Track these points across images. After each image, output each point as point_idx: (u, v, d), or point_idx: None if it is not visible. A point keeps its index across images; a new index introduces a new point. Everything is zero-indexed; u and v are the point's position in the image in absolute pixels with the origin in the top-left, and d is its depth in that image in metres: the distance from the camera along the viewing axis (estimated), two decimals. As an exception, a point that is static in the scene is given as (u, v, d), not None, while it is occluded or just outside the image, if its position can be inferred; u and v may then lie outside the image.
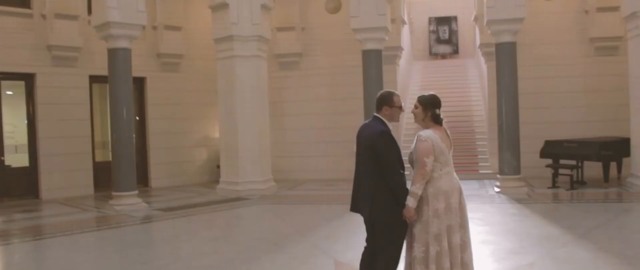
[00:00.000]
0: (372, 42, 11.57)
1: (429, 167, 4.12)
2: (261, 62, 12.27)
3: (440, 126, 4.31)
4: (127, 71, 10.58)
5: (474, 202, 10.01)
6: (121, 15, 10.21)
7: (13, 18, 11.88)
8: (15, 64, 11.81)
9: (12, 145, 12.30)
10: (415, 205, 4.12)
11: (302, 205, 10.90)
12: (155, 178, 13.97)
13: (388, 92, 4.41)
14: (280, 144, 14.78)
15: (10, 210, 10.70)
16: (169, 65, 14.14)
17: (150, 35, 13.89)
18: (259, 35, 11.94)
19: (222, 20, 11.94)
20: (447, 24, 22.23)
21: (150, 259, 6.84)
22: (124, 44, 10.45)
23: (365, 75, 11.73)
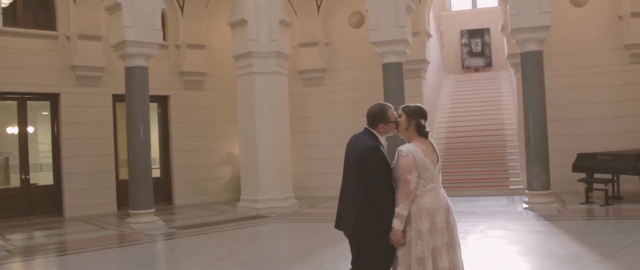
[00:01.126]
0: (392, 55, 11.27)
1: (413, 185, 3.79)
2: (281, 78, 12.12)
3: (425, 139, 3.98)
4: (144, 89, 10.58)
5: (498, 219, 9.55)
6: (137, 34, 10.23)
7: (39, 40, 12.14)
8: (41, 84, 12.02)
9: (38, 163, 12.48)
10: (401, 227, 3.79)
11: (320, 223, 10.60)
12: (179, 196, 13.94)
13: (381, 108, 4.07)
14: (303, 161, 14.57)
15: (33, 228, 10.81)
16: (192, 83, 14.17)
17: (174, 54, 13.98)
18: (278, 51, 11.81)
19: (241, 37, 11.88)
20: (480, 36, 21.72)
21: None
22: (141, 62, 10.47)
23: (386, 89, 11.42)
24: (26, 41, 11.93)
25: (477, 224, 9.17)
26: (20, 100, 12.06)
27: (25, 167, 12.04)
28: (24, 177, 11.99)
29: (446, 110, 17.16)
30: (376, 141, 3.96)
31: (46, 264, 7.83)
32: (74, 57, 12.18)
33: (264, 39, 11.73)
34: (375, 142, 3.94)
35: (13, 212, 11.79)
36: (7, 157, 12.52)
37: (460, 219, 9.72)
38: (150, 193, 10.50)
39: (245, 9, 11.64)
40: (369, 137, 4.00)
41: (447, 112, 17.02)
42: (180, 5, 13.89)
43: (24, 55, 11.76)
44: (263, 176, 11.76)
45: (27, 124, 12.17)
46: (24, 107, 12.11)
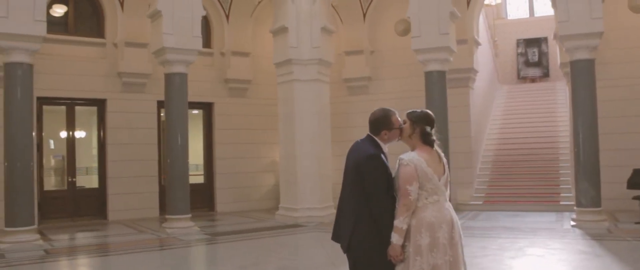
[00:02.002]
0: (434, 63, 10.92)
1: (413, 196, 3.51)
2: (322, 86, 11.97)
3: (430, 148, 3.71)
4: (183, 96, 10.67)
5: (541, 237, 9.01)
6: (176, 40, 10.34)
7: (88, 47, 12.49)
8: (89, 90, 12.35)
9: (84, 167, 12.82)
10: (400, 242, 3.50)
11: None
12: (221, 202, 13.99)
13: (384, 113, 3.81)
14: (346, 170, 14.33)
15: (76, 229, 11.07)
16: (237, 91, 14.23)
17: (219, 61, 14.10)
18: (319, 59, 11.68)
19: (282, 44, 11.84)
20: (537, 45, 20.88)
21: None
22: (180, 69, 10.58)
23: (428, 98, 11.07)
24: (76, 48, 12.30)
25: (517, 240, 8.69)
26: (69, 106, 12.42)
27: (72, 170, 12.38)
28: (70, 179, 12.34)
29: (498, 121, 16.53)
30: (378, 149, 3.72)
31: (69, 265, 7.94)
32: (121, 64, 12.46)
33: (305, 46, 11.63)
34: (377, 149, 3.70)
35: (60, 214, 12.14)
36: (61, 160, 12.88)
37: (500, 235, 9.32)
38: (187, 199, 10.55)
39: (286, 16, 11.59)
40: (371, 144, 3.76)
41: (498, 124, 16.40)
42: (226, 13, 14.02)
43: (73, 62, 12.12)
44: (302, 185, 11.62)
45: (75, 128, 12.52)
46: (73, 112, 12.47)
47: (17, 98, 9.09)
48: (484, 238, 9.08)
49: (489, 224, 10.79)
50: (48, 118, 12.33)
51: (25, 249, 8.64)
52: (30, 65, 9.29)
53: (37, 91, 11.62)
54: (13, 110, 9.07)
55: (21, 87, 9.14)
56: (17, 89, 9.10)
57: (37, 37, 9.11)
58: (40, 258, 8.19)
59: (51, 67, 11.82)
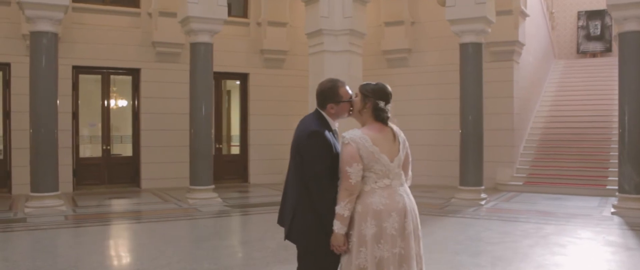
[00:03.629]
0: (469, 34, 10.26)
1: (354, 179, 3.11)
2: (354, 58, 11.53)
3: (382, 125, 3.29)
4: (208, 66, 10.52)
5: (573, 224, 8.36)
6: (201, 9, 10.16)
7: (123, 17, 12.56)
8: (124, 59, 12.45)
9: (119, 135, 13.02)
10: (343, 230, 3.15)
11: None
12: (254, 174, 13.93)
13: (331, 84, 3.39)
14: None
15: (106, 197, 11.27)
16: (273, 62, 14.01)
17: (255, 32, 13.90)
18: (350, 29, 11.22)
19: (313, 13, 11.45)
20: (600, 18, 19.43)
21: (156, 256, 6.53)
22: (205, 38, 10.41)
23: (462, 72, 10.45)
24: (112, 18, 12.39)
25: (544, 227, 8.09)
26: (104, 75, 12.57)
27: (107, 139, 12.60)
28: (105, 147, 12.56)
29: (549, 98, 15.56)
30: (323, 125, 3.30)
31: (79, 231, 8.03)
32: (155, 34, 12.46)
33: (336, 16, 11.20)
34: (321, 126, 3.29)
35: (94, 181, 12.41)
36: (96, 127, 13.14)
37: (529, 219, 8.72)
38: (209, 169, 10.47)
39: (318, -16, 11.19)
40: (316, 119, 3.36)
41: (550, 100, 15.43)
42: (263, -18, 13.75)
43: (109, 32, 12.22)
44: (329, 159, 11.32)
45: (109, 97, 12.69)
46: (108, 81, 12.62)
47: (41, 66, 9.18)
48: (509, 222, 8.53)
49: (523, 206, 10.17)
50: (84, 87, 12.54)
51: (47, 214, 8.83)
52: (55, 34, 9.35)
53: (74, 60, 11.92)
54: (37, 78, 9.18)
55: (46, 56, 9.21)
56: (42, 57, 9.19)
57: (61, 5, 9.13)
58: (57, 224, 8.33)
59: (87, 36, 11.97)
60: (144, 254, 6.74)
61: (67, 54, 11.73)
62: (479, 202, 10.05)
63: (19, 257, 6.47)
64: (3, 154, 11.59)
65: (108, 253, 6.83)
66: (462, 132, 10.39)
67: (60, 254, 6.61)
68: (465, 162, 10.31)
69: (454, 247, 6.94)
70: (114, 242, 7.51)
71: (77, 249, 6.96)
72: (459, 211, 9.55)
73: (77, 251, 6.77)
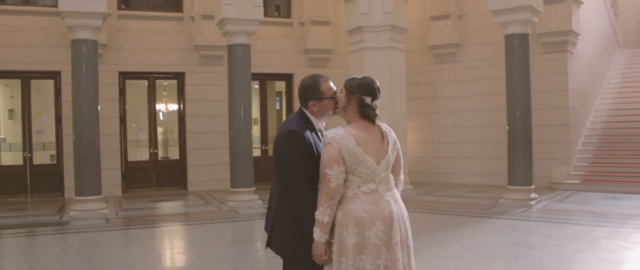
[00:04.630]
0: (514, 25, 9.69)
1: (334, 183, 2.85)
2: (395, 54, 11.22)
3: (370, 123, 3.02)
4: (246, 68, 10.46)
5: (627, 227, 7.71)
6: (236, 11, 10.13)
7: (166, 22, 12.73)
8: (169, 64, 12.62)
9: (166, 139, 13.22)
10: (323, 238, 2.90)
11: (424, 213, 9.63)
12: (302, 175, 13.76)
13: (312, 80, 3.15)
14: (432, 144, 13.51)
15: (152, 200, 11.42)
16: (317, 61, 13.83)
17: (298, 31, 13.78)
18: (391, 25, 10.94)
19: (353, 10, 11.26)
20: (671, 2, 18.13)
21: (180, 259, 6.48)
22: (242, 40, 10.35)
23: (508, 65, 9.89)
24: (155, 23, 12.59)
25: (596, 229, 7.50)
26: (150, 79, 12.78)
27: (154, 142, 12.80)
28: (153, 151, 12.77)
29: (612, 90, 14.60)
30: (305, 124, 3.07)
31: (115, 235, 8.12)
32: (198, 37, 12.55)
33: (376, 12, 10.95)
34: (303, 125, 3.05)
35: (143, 184, 12.64)
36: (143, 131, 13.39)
37: (580, 221, 8.13)
38: (249, 172, 10.41)
39: (357, -20, 10.95)
40: (298, 118, 3.12)
41: (612, 93, 14.48)
42: (305, -19, 13.61)
43: (153, 37, 12.41)
44: (372, 159, 11.04)
45: (155, 101, 12.90)
46: (153, 85, 12.83)
47: (82, 73, 9.39)
48: (557, 224, 7.97)
49: (576, 207, 9.52)
50: (131, 92, 12.80)
51: (90, 218, 9.02)
52: (95, 42, 9.54)
53: (120, 66, 12.18)
54: (79, 85, 9.40)
55: (86, 63, 9.42)
56: (82, 64, 9.40)
57: (99, 13, 9.30)
58: (97, 227, 8.47)
59: (133, 42, 12.20)
60: (171, 257, 6.71)
61: (113, 60, 12.02)
62: (528, 203, 9.49)
63: (47, 259, 6.58)
64: (56, 159, 11.97)
65: (137, 256, 6.84)
66: (510, 129, 9.84)
67: (90, 257, 6.67)
68: (514, 161, 9.77)
69: (491, 251, 6.52)
70: (146, 245, 7.53)
71: (109, 252, 7.01)
72: (506, 212, 9.05)
73: (108, 254, 6.82)
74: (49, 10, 11.49)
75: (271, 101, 14.48)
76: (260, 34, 12.82)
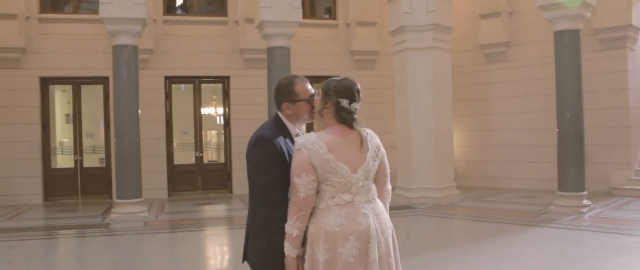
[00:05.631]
0: (564, 21, 9.12)
1: (303, 193, 2.64)
2: (440, 54, 10.82)
3: (347, 128, 2.78)
4: (285, 71, 10.31)
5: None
6: (274, 13, 10.05)
7: (211, 26, 12.84)
8: (214, 67, 12.71)
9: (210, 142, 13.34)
10: (293, 253, 2.70)
11: (465, 220, 9.24)
12: (347, 179, 13.54)
13: (287, 80, 2.96)
14: (481, 147, 12.98)
15: (195, 203, 11.53)
16: (364, 63, 13.58)
17: (344, 33, 13.57)
18: (435, 24, 10.55)
19: (395, 10, 10.96)
20: None
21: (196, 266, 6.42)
22: (281, 42, 10.27)
23: (558, 64, 9.33)
24: (200, 28, 12.71)
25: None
26: (195, 83, 12.92)
27: (200, 145, 12.93)
28: (198, 154, 12.89)
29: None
30: (277, 130, 2.87)
31: (149, 238, 8.17)
32: (242, 41, 12.57)
33: (419, 11, 10.60)
34: (275, 130, 2.85)
35: (188, 187, 12.79)
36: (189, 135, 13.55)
37: (634, 231, 7.50)
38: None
39: (399, -21, 10.65)
40: (271, 123, 2.93)
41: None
42: (351, -19, 13.40)
43: (198, 41, 12.53)
44: (416, 163, 10.73)
45: (201, 104, 13.02)
46: (199, 89, 12.96)
47: (123, 78, 9.58)
48: (607, 234, 7.40)
49: (633, 215, 8.84)
50: (176, 95, 12.97)
51: (129, 220, 9.17)
52: (135, 47, 9.70)
53: (166, 71, 12.36)
54: (119, 90, 9.58)
55: (127, 68, 9.60)
56: (123, 69, 9.58)
57: (138, 19, 9.45)
58: (134, 230, 8.58)
59: (178, 47, 12.35)
60: (194, 262, 6.66)
61: (159, 65, 12.22)
62: (579, 210, 8.88)
63: (71, 261, 6.67)
64: (105, 162, 12.29)
65: (162, 260, 6.84)
66: (560, 131, 9.28)
67: (113, 260, 6.72)
68: (564, 165, 9.19)
69: (527, 263, 6.10)
70: (177, 249, 7.55)
71: (136, 255, 7.06)
72: (554, 220, 8.50)
73: (133, 258, 6.86)
74: (97, 17, 11.79)
75: (318, 104, 14.33)
76: (305, 36, 12.81)
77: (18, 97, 11.49)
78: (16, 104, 11.46)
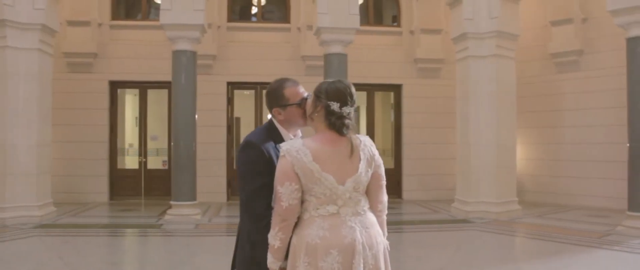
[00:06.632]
0: (637, 26, 8.48)
1: (286, 202, 2.53)
2: (503, 63, 10.35)
3: (337, 134, 2.62)
4: (343, 77, 10.23)
5: None
6: (331, 20, 10.01)
7: (274, 33, 12.97)
8: (275, 74, 12.71)
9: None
10: (275, 265, 2.61)
11: (523, 238, 8.75)
12: (407, 190, 13.26)
13: (277, 84, 2.85)
14: (548, 161, 12.30)
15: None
16: (428, 71, 13.25)
17: (407, 41, 13.31)
18: (498, 31, 10.11)
19: (457, 17, 10.62)
20: None
21: None
22: (338, 49, 10.20)
23: (630, 73, 8.67)
24: (262, 34, 12.85)
25: None
26: (257, 89, 13.06)
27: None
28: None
29: None
30: (266, 136, 2.77)
31: (191, 240, 8.25)
32: (304, 48, 12.59)
33: (481, 17, 10.20)
34: (262, 136, 2.76)
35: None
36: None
37: None
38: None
39: (462, -16, 10.31)
40: (262, 129, 2.85)
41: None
42: (415, -12, 13.15)
43: (260, 47, 12.67)
44: (475, 175, 10.30)
45: (263, 110, 13.14)
46: (260, 95, 13.09)
47: (181, 83, 9.81)
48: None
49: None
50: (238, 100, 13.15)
51: (181, 222, 9.35)
52: (194, 53, 9.93)
53: (228, 76, 12.59)
54: (177, 94, 9.82)
55: (186, 73, 9.84)
56: (181, 74, 9.82)
57: (197, 25, 9.66)
58: (183, 232, 8.72)
59: (241, 53, 12.55)
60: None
61: (222, 71, 12.47)
62: (650, 232, 8.20)
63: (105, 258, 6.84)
64: (168, 165, 12.64)
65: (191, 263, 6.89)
66: (631, 146, 8.63)
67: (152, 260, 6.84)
68: (635, 183, 8.52)
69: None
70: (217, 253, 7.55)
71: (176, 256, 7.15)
72: (621, 242, 7.88)
73: (171, 259, 6.95)
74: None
75: (379, 112, 14.10)
76: (368, 43, 12.74)
77: (89, 100, 12.05)
78: (87, 106, 12.03)
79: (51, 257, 6.89)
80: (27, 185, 9.13)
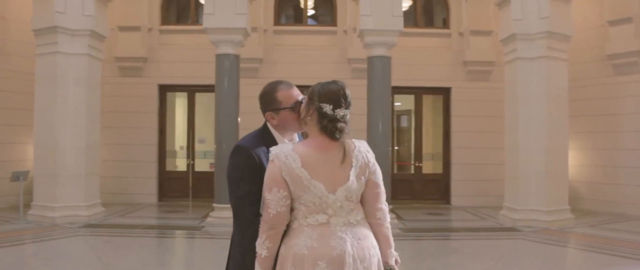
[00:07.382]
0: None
1: (274, 209, 2.44)
2: (554, 65, 9.92)
3: (331, 140, 2.51)
4: (386, 81, 10.09)
5: None
6: (374, 22, 9.85)
7: (320, 36, 12.92)
8: (322, 77, 12.65)
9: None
10: None
11: (569, 248, 8.33)
12: (456, 195, 12.91)
13: (270, 88, 2.77)
14: (605, 167, 11.69)
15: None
16: (477, 74, 12.88)
17: (457, 42, 12.98)
18: (548, 31, 9.70)
19: (505, 18, 10.29)
20: None
21: None
22: (381, 51, 10.03)
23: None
24: (309, 37, 12.84)
25: None
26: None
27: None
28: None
29: None
30: (258, 140, 2.69)
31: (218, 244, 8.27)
32: (350, 51, 12.49)
33: (531, 17, 9.82)
34: (254, 141, 2.68)
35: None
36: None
37: None
38: (383, 189, 9.98)
39: (510, -15, 9.95)
40: (255, 133, 2.78)
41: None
42: (465, -10, 12.82)
43: (306, 51, 12.66)
44: (524, 182, 9.91)
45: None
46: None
47: (224, 86, 9.93)
48: None
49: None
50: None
51: (223, 225, 9.36)
52: (237, 56, 10.02)
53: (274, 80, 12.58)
54: (220, 97, 9.95)
55: (228, 77, 9.95)
56: (224, 78, 9.94)
57: (239, 29, 9.75)
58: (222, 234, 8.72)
59: (287, 56, 12.57)
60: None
61: (267, 75, 12.47)
62: None
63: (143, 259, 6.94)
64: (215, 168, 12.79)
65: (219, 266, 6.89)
66: None
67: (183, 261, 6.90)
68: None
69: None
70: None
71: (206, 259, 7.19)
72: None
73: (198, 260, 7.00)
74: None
75: (427, 116, 13.80)
76: (417, 45, 12.57)
77: (138, 103, 12.37)
78: (136, 109, 12.35)
79: (90, 256, 7.08)
80: (76, 186, 9.46)
